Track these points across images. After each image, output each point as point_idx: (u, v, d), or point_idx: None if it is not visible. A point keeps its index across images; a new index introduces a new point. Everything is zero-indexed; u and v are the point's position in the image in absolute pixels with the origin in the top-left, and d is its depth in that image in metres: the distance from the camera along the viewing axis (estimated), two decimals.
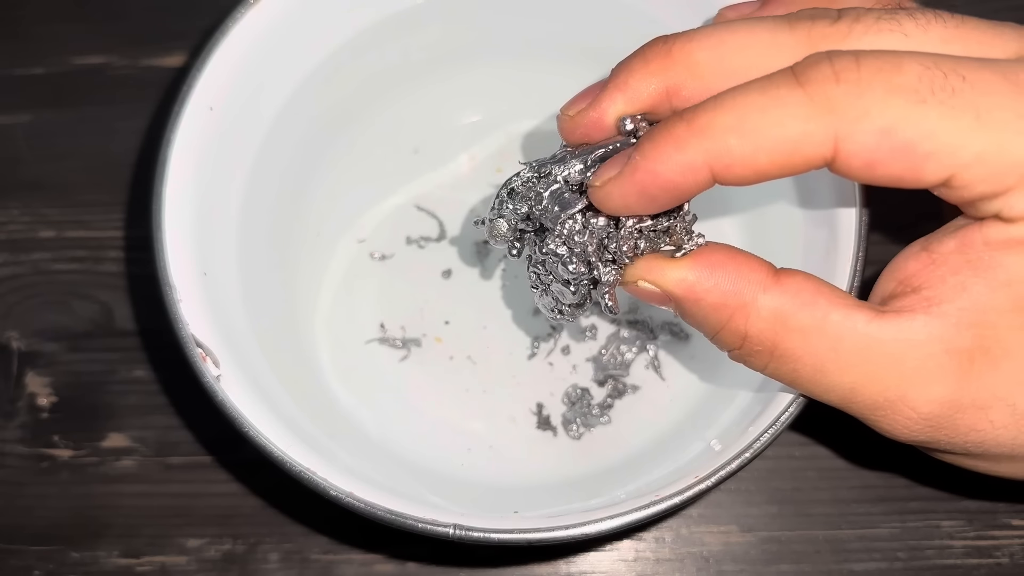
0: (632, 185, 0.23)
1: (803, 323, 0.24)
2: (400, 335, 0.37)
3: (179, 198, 0.30)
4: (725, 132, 0.22)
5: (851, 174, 0.22)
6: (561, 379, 0.37)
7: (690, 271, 0.24)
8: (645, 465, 0.33)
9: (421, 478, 0.34)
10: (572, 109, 0.26)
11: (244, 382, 0.29)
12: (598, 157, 0.25)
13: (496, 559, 0.36)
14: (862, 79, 0.21)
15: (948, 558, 0.35)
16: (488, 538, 0.27)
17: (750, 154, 0.22)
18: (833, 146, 0.22)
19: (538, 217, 0.25)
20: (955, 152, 0.21)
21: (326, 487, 0.27)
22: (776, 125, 0.22)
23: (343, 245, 0.38)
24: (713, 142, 0.22)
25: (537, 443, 0.36)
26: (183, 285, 0.29)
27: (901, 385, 0.24)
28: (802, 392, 0.26)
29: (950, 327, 0.23)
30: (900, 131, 0.21)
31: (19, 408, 0.38)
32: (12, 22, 0.44)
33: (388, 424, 0.36)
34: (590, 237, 0.24)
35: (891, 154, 0.22)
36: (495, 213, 0.26)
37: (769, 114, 0.22)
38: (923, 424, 0.24)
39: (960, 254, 0.23)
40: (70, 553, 0.36)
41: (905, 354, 0.23)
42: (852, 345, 0.24)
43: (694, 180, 0.23)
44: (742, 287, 0.24)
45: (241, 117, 0.33)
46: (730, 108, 0.22)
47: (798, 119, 0.22)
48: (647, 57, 0.25)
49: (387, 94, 0.38)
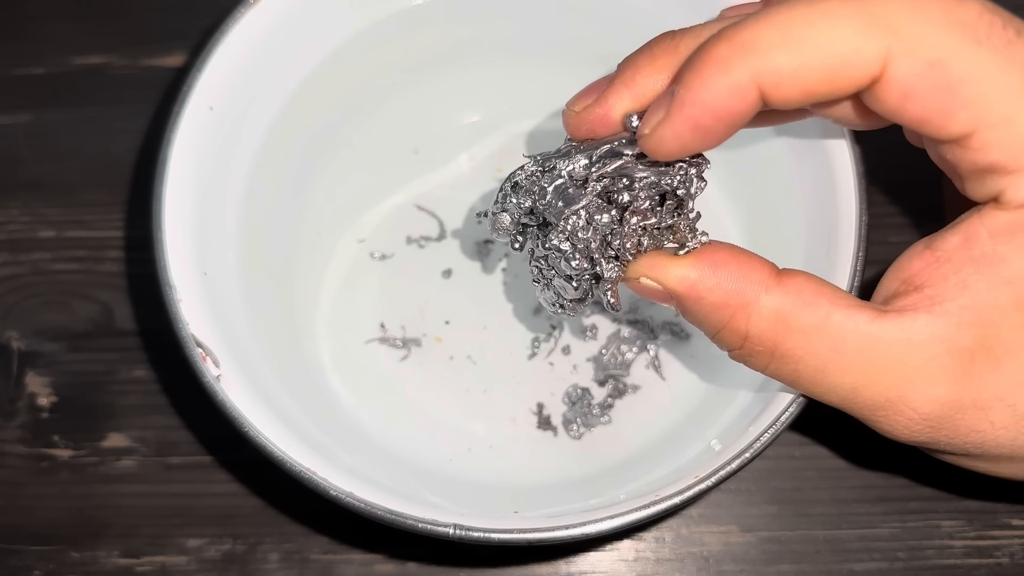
0: (683, 121, 0.22)
1: (805, 323, 0.24)
2: (400, 335, 0.37)
3: (179, 198, 0.30)
4: (772, 46, 0.21)
5: (884, 105, 0.22)
6: (561, 379, 0.37)
7: (692, 269, 0.24)
8: (645, 465, 0.34)
9: (421, 478, 0.34)
10: (578, 104, 0.25)
11: (244, 382, 0.29)
12: (603, 153, 0.24)
13: (496, 559, 0.36)
14: (921, 2, 0.21)
15: (948, 558, 0.35)
16: (488, 538, 0.27)
17: (799, 69, 0.21)
18: (882, 67, 0.21)
19: (541, 212, 0.25)
20: (991, 106, 0.21)
21: (326, 487, 0.27)
22: (827, 38, 0.21)
23: (343, 245, 0.38)
24: (759, 58, 0.21)
25: (537, 443, 0.36)
26: (183, 285, 0.29)
27: (902, 385, 0.24)
28: (803, 393, 0.26)
29: (952, 326, 0.23)
30: (950, 67, 0.21)
31: (19, 408, 0.38)
32: (12, 22, 0.44)
33: (388, 424, 0.36)
34: (593, 233, 0.24)
35: (932, 90, 0.21)
36: (498, 207, 0.26)
37: (818, 27, 0.21)
38: (924, 425, 0.24)
39: (964, 250, 0.23)
40: (70, 553, 0.36)
41: (907, 354, 0.23)
42: (854, 345, 0.23)
43: (744, 103, 0.22)
44: (744, 286, 0.24)
45: (241, 117, 0.33)
46: (775, 22, 0.21)
47: (850, 33, 0.21)
48: (654, 53, 0.24)
49: (387, 94, 0.38)
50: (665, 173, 0.24)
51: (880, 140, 0.35)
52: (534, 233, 0.26)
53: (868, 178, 0.30)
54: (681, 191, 0.24)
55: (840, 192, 0.30)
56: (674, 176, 0.24)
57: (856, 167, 0.30)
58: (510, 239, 0.26)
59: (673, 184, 0.24)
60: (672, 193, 0.24)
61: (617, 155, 0.24)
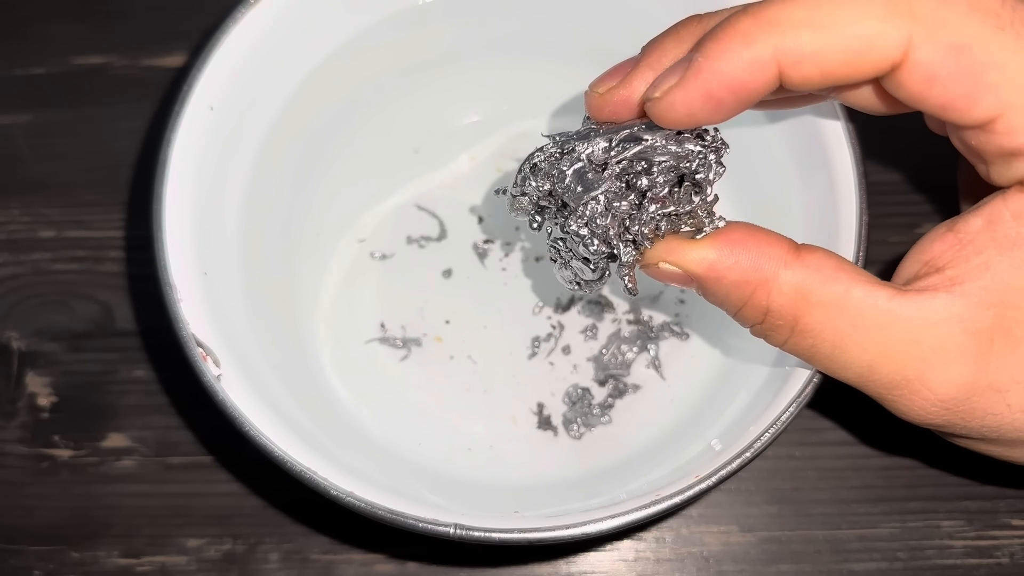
0: (697, 89, 0.22)
1: (824, 298, 0.23)
2: (400, 335, 0.37)
3: (179, 198, 0.30)
4: (796, 25, 0.21)
5: (906, 90, 0.22)
6: (562, 379, 0.37)
7: (711, 250, 0.24)
8: (646, 465, 0.34)
9: (421, 478, 0.34)
10: (602, 86, 0.25)
11: (244, 381, 0.29)
12: (623, 137, 0.24)
13: (496, 559, 0.36)
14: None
15: (948, 558, 0.35)
16: (489, 538, 0.27)
17: (822, 50, 0.21)
18: (904, 52, 0.21)
19: (560, 195, 0.25)
20: (1016, 90, 0.21)
21: (327, 487, 0.27)
22: (852, 21, 0.21)
23: (343, 245, 0.38)
24: (783, 36, 0.21)
25: (538, 443, 0.36)
26: (183, 285, 0.29)
27: (919, 365, 0.23)
28: (820, 368, 0.26)
29: (971, 307, 0.23)
30: (973, 52, 0.21)
31: (19, 408, 0.38)
32: (12, 22, 0.44)
33: (388, 424, 0.36)
34: (612, 219, 0.24)
35: (955, 75, 0.21)
36: (518, 189, 0.26)
37: (844, 9, 0.21)
38: (939, 406, 0.24)
39: (986, 232, 0.23)
40: (70, 553, 0.36)
41: (925, 333, 0.23)
42: (872, 322, 0.23)
43: (762, 79, 0.22)
44: (763, 263, 0.24)
45: (242, 117, 0.33)
46: (801, 2, 0.21)
47: (875, 17, 0.21)
48: (680, 36, 0.24)
49: (387, 93, 0.38)
50: (684, 157, 0.24)
51: (880, 139, 0.35)
52: (552, 214, 0.26)
53: (868, 178, 0.30)
54: (700, 175, 0.24)
55: (840, 192, 0.30)
56: (693, 159, 0.24)
57: (856, 167, 0.30)
58: (528, 219, 0.27)
59: (692, 167, 0.24)
60: (691, 177, 0.24)
61: (637, 140, 0.24)
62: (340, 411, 0.36)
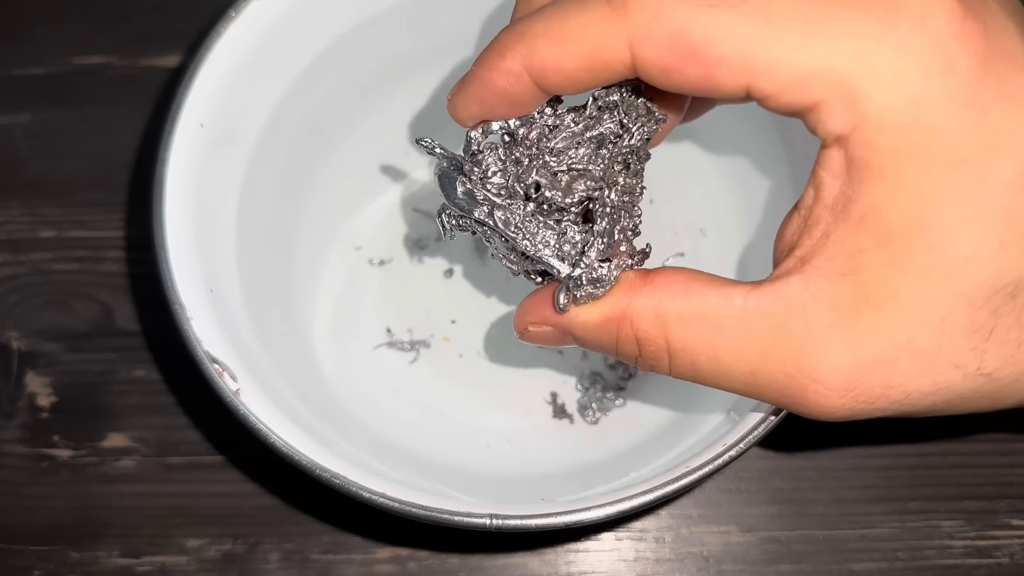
0: (471, 93, 0.24)
1: (682, 312, 0.23)
2: (408, 337, 0.37)
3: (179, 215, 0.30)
4: (536, 37, 0.23)
5: (656, 82, 0.22)
6: (573, 366, 0.37)
7: (567, 303, 0.25)
8: (666, 440, 0.33)
9: (444, 478, 0.34)
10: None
11: (262, 395, 0.29)
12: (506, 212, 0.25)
13: (496, 558, 0.36)
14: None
15: (948, 558, 0.35)
16: (525, 525, 0.26)
17: (560, 59, 0.22)
18: (630, 51, 0.22)
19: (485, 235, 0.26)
20: (745, 59, 0.21)
21: (358, 490, 0.27)
22: (578, 29, 0.22)
23: (341, 253, 0.38)
24: (526, 47, 0.23)
25: (555, 432, 0.36)
26: (192, 303, 0.29)
27: (796, 357, 0.22)
28: (715, 387, 0.24)
29: (825, 281, 0.22)
30: (689, 34, 0.21)
31: (19, 408, 0.38)
32: (12, 22, 0.44)
33: (405, 428, 0.36)
34: (532, 222, 0.25)
35: (683, 59, 0.21)
36: (449, 236, 0.27)
37: (572, 19, 0.22)
38: (835, 396, 0.23)
39: (819, 201, 0.22)
40: (70, 553, 0.36)
41: (788, 321, 0.22)
42: (735, 324, 0.23)
43: (520, 86, 0.23)
44: (616, 298, 0.24)
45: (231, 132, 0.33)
46: (543, 15, 0.23)
47: (596, 23, 0.22)
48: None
49: (382, 94, 0.38)
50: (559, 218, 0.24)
51: None
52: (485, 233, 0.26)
53: None
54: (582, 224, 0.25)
55: None
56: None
57: None
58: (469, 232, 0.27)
59: None
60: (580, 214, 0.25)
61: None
62: (355, 417, 0.36)
